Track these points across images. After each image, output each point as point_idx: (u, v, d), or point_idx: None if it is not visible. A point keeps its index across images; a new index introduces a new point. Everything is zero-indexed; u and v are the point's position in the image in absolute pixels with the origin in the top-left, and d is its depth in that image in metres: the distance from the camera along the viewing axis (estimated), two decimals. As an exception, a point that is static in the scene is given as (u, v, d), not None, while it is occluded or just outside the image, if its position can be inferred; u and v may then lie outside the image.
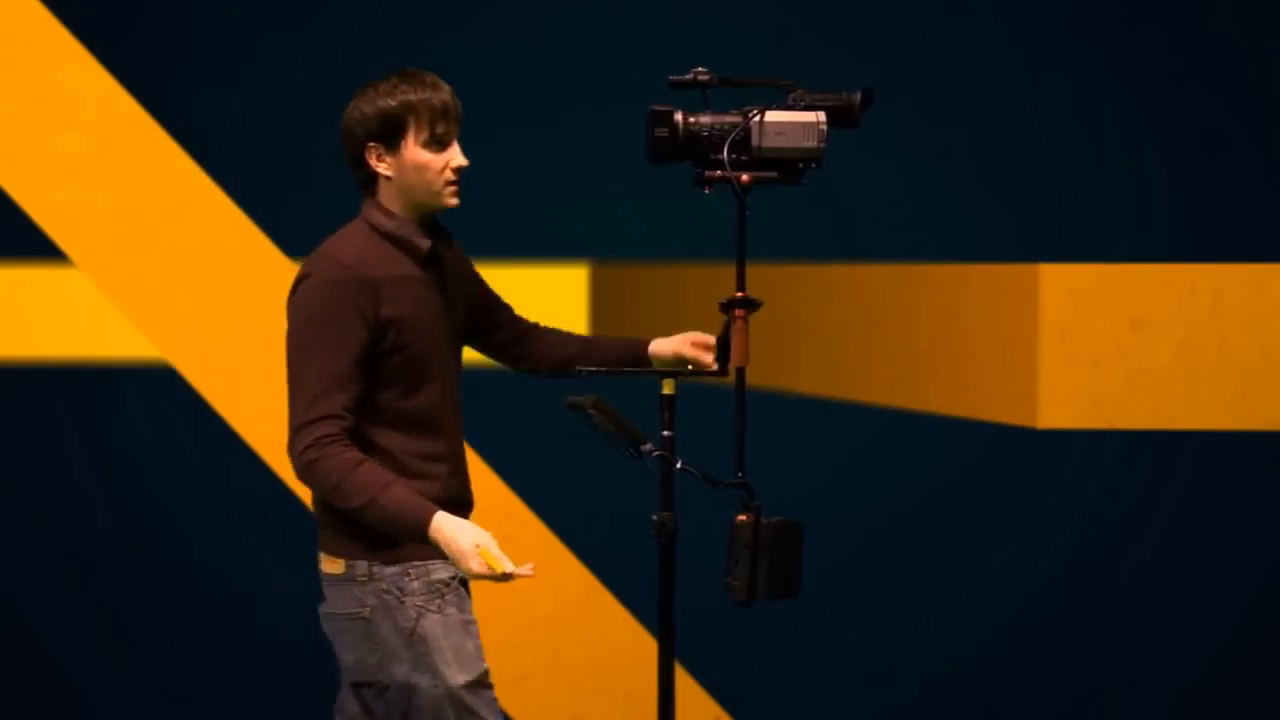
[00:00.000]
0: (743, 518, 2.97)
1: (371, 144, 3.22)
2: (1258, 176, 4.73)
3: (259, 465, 4.88)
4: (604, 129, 4.40)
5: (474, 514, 4.99)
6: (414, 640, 3.16)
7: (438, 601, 3.17)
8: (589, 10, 4.86)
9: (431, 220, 3.25)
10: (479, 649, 3.18)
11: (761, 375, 4.79)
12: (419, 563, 3.17)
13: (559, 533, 4.81)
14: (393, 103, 3.20)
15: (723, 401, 3.29)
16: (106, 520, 5.06)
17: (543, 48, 4.91)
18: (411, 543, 3.13)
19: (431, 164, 3.19)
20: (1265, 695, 4.80)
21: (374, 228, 3.22)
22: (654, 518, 3.04)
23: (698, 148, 3.10)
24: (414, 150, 3.19)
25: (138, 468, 5.05)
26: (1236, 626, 4.80)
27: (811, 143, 3.07)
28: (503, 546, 3.10)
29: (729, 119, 3.10)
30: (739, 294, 3.02)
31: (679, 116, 3.09)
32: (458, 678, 3.15)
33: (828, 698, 4.86)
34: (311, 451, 3.08)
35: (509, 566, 3.04)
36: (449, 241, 3.28)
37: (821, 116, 3.09)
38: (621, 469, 3.22)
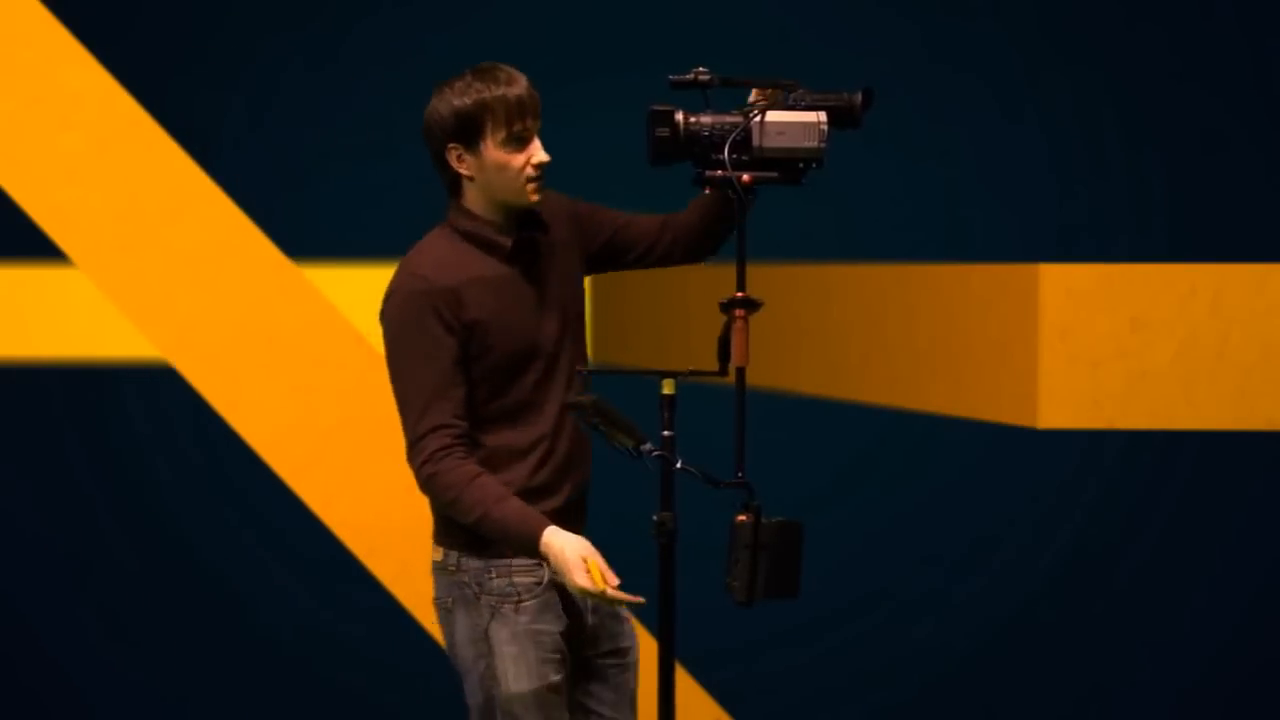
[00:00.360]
0: (742, 518, 2.96)
1: (451, 145, 3.16)
2: (1258, 176, 4.73)
3: (259, 465, 4.89)
4: (604, 129, 4.40)
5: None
6: (482, 638, 3.20)
7: (511, 603, 3.19)
8: (589, 10, 4.86)
9: (521, 211, 3.22)
10: (544, 660, 3.19)
11: (761, 375, 4.79)
12: (503, 561, 3.19)
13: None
14: (468, 102, 3.13)
15: (723, 401, 3.29)
16: (106, 520, 5.06)
17: (543, 48, 4.90)
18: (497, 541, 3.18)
19: (511, 162, 3.14)
20: (1265, 695, 4.80)
21: (455, 230, 3.21)
22: (654, 518, 3.04)
23: (698, 148, 3.09)
24: (493, 150, 3.14)
25: (138, 468, 5.05)
26: (1236, 626, 4.80)
27: (812, 143, 3.07)
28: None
29: (730, 119, 3.09)
30: (739, 294, 3.02)
31: (680, 116, 3.09)
32: (511, 686, 3.18)
33: (828, 698, 4.86)
34: (428, 467, 3.14)
35: (613, 580, 3.03)
36: (541, 224, 3.22)
37: (822, 116, 3.08)
38: (622, 469, 3.22)
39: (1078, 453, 4.79)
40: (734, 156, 3.06)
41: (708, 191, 3.15)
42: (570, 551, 3.05)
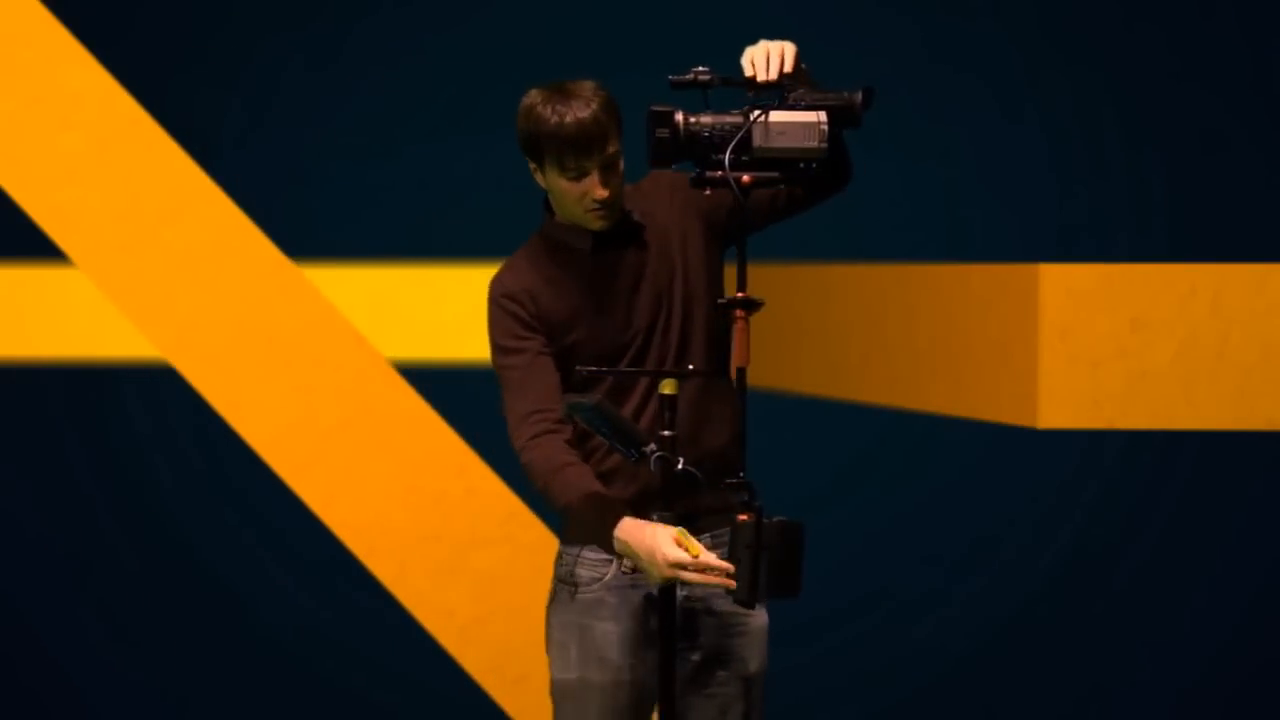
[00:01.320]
0: (744, 518, 2.96)
1: (527, 158, 3.20)
2: (1258, 176, 4.73)
3: (259, 465, 4.88)
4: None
5: (473, 516, 5.02)
6: (549, 619, 3.27)
7: (569, 592, 3.22)
8: (589, 10, 4.86)
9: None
10: (587, 657, 3.19)
11: (761, 375, 4.79)
12: (574, 548, 3.23)
13: (559, 533, 4.80)
14: (530, 129, 3.14)
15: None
16: (106, 520, 5.06)
17: (543, 48, 4.90)
18: (579, 524, 3.20)
19: (569, 192, 3.14)
20: (1265, 695, 4.80)
21: (541, 234, 3.24)
22: (654, 517, 3.03)
23: (699, 148, 3.07)
24: (554, 177, 3.15)
25: (138, 468, 5.05)
26: (1236, 626, 4.79)
27: (813, 143, 3.06)
28: (503, 546, 3.11)
29: (730, 119, 3.08)
30: (739, 294, 3.01)
31: (679, 117, 3.07)
32: (555, 672, 3.23)
33: (828, 698, 4.86)
34: (524, 454, 3.15)
35: (703, 551, 2.97)
36: (629, 220, 3.21)
37: (823, 116, 3.07)
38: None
39: (1078, 453, 4.78)
40: (735, 157, 3.05)
41: (707, 192, 3.13)
42: (647, 536, 3.00)
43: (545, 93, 3.15)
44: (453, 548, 4.86)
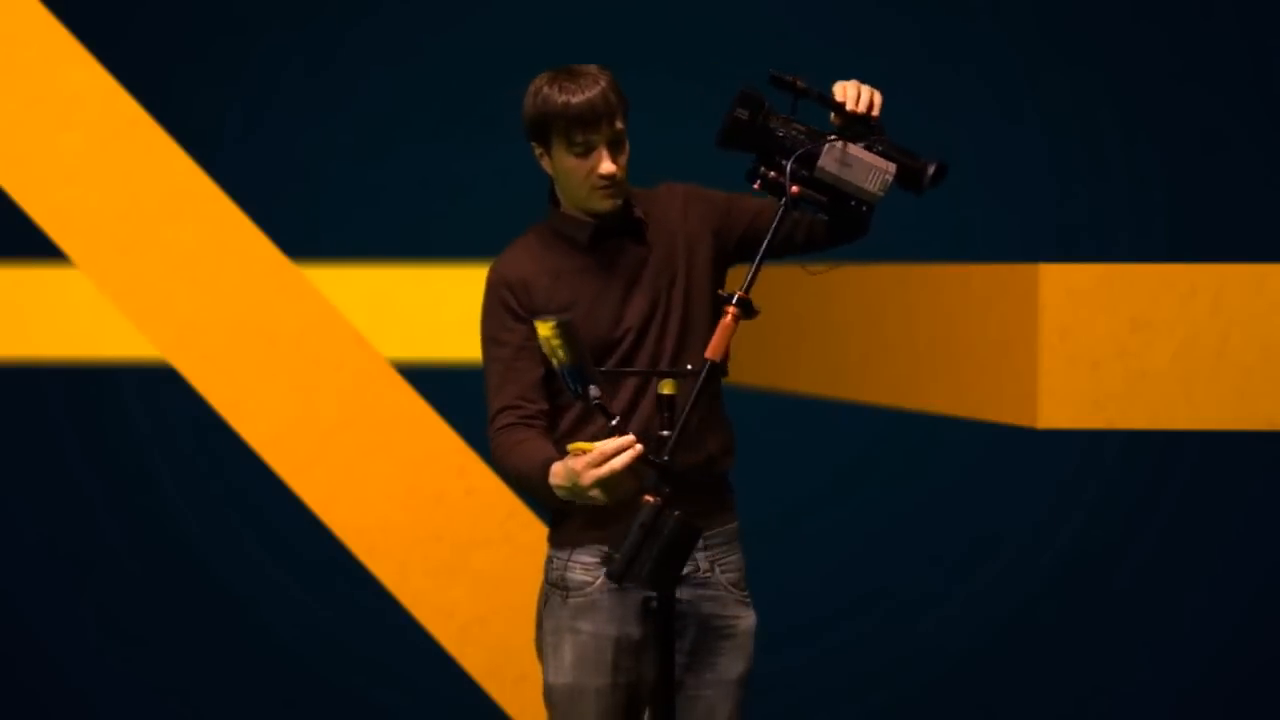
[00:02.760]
0: (649, 499, 2.92)
1: (533, 144, 3.23)
2: (1258, 176, 4.73)
3: (259, 465, 4.89)
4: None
5: (473, 516, 5.02)
6: (539, 622, 3.27)
7: (560, 595, 3.23)
8: (589, 10, 4.86)
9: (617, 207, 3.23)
10: (579, 660, 3.19)
11: (761, 375, 4.80)
12: (565, 552, 3.23)
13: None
14: (537, 108, 3.18)
15: (734, 402, 3.29)
16: (106, 520, 5.06)
17: (543, 48, 4.90)
18: (572, 529, 3.21)
19: (576, 170, 3.16)
20: (1265, 695, 4.80)
21: (545, 224, 3.26)
22: (654, 517, 3.03)
23: (768, 143, 3.04)
24: (561, 155, 3.17)
25: (138, 468, 5.05)
26: (1236, 626, 4.80)
27: (873, 187, 3.02)
28: (503, 546, 3.11)
29: (808, 131, 3.04)
30: (740, 294, 3.00)
31: (766, 105, 3.03)
32: (549, 676, 3.23)
33: (828, 698, 4.86)
34: (491, 443, 3.17)
35: (604, 446, 2.92)
36: (634, 219, 3.22)
37: (892, 169, 3.03)
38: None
39: (1078, 453, 4.79)
40: (796, 167, 3.04)
41: (756, 187, 3.10)
42: (565, 468, 2.97)
43: (552, 74, 3.19)
44: (453, 548, 4.86)
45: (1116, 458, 4.80)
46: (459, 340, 4.94)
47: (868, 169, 3.02)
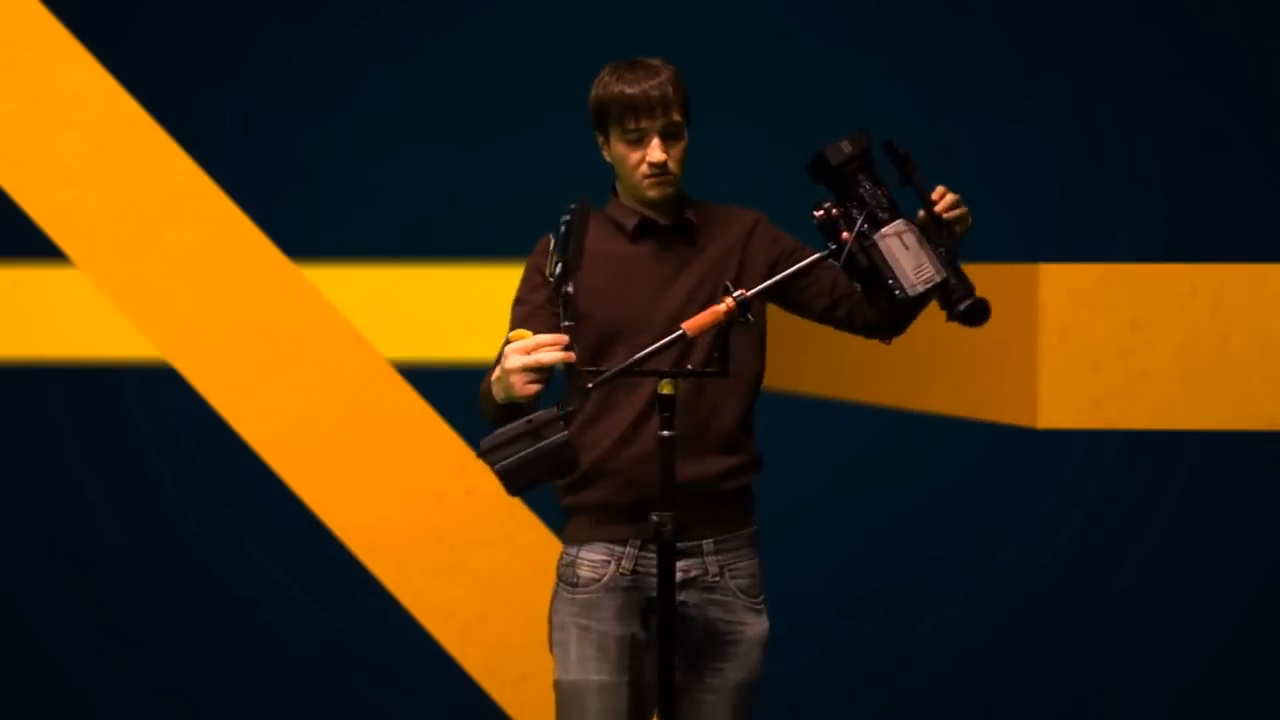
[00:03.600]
0: (554, 409, 2.92)
1: (596, 132, 3.29)
2: (1258, 176, 4.73)
3: (259, 465, 4.89)
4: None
5: (473, 516, 5.02)
6: (549, 617, 3.31)
7: (569, 590, 3.26)
8: (589, 10, 4.86)
9: (672, 205, 3.27)
10: (586, 656, 3.21)
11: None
12: (574, 547, 3.28)
13: (559, 533, 4.80)
14: (597, 95, 3.25)
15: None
16: (106, 520, 5.06)
17: (543, 48, 4.91)
18: (583, 525, 3.25)
19: (628, 157, 3.23)
20: (1265, 695, 4.80)
21: (604, 210, 3.30)
22: (654, 517, 3.03)
23: (850, 189, 3.03)
24: (616, 143, 3.24)
25: (138, 468, 5.05)
26: (1236, 626, 4.80)
27: (915, 283, 2.97)
28: (503, 546, 3.11)
29: (888, 201, 3.02)
30: (744, 291, 3.00)
31: (870, 154, 3.03)
32: (556, 671, 3.26)
33: (828, 698, 4.86)
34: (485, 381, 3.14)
35: (542, 338, 2.93)
36: (686, 223, 3.26)
37: (940, 278, 2.97)
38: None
39: (1078, 453, 4.79)
40: (864, 222, 3.01)
41: (816, 215, 3.05)
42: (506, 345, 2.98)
43: (616, 64, 3.25)
44: (453, 548, 4.86)
45: (1116, 458, 4.80)
46: (459, 340, 4.94)
47: (920, 263, 2.98)
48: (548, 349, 2.90)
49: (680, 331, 2.98)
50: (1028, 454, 4.77)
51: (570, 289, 2.94)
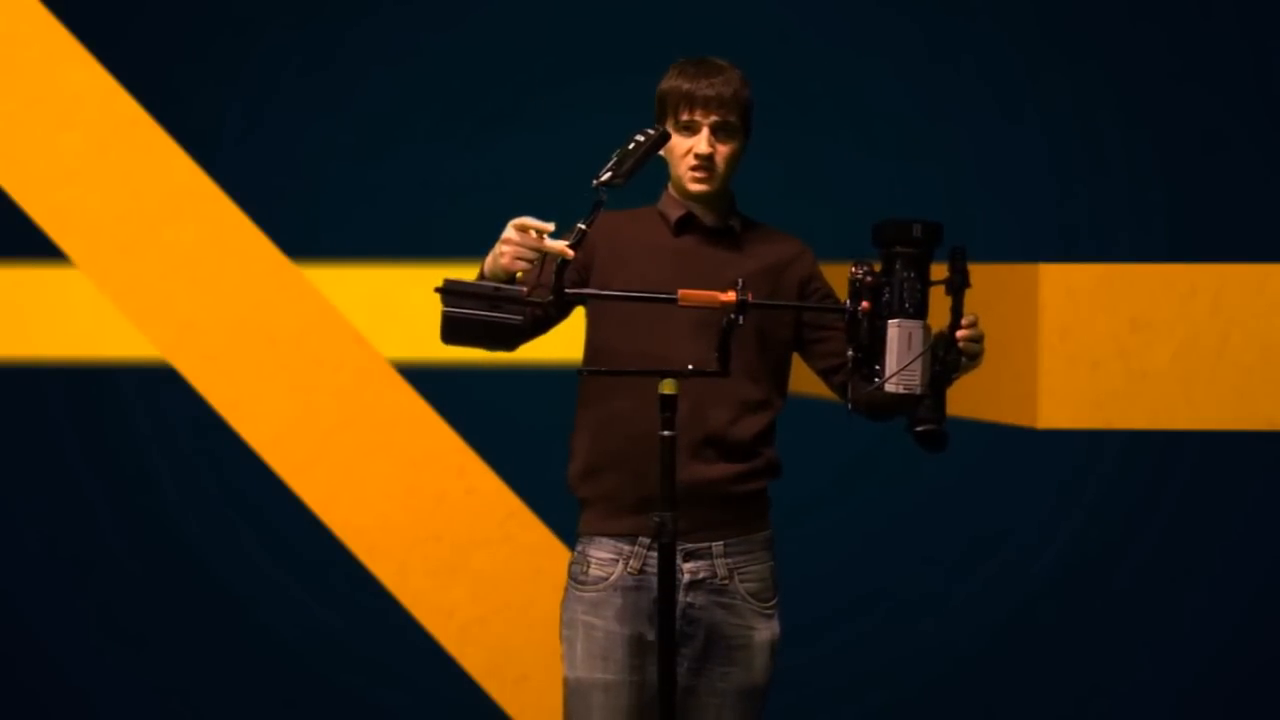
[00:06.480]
0: (522, 290, 2.99)
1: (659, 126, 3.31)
2: (1258, 176, 4.73)
3: (259, 465, 4.89)
4: (605, 129, 4.40)
5: (473, 516, 5.02)
6: (561, 613, 3.31)
7: (577, 589, 3.26)
8: (589, 10, 4.86)
9: (719, 207, 3.30)
10: (591, 655, 3.22)
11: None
12: (585, 540, 3.28)
13: (559, 533, 4.81)
14: (661, 87, 3.30)
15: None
16: (106, 520, 5.06)
17: (543, 48, 4.90)
18: (594, 517, 3.25)
19: (676, 147, 3.27)
20: (1265, 695, 4.80)
21: (656, 203, 3.34)
22: (654, 518, 3.03)
23: (890, 262, 3.08)
24: (672, 133, 3.27)
25: (137, 468, 5.05)
26: (1236, 626, 4.80)
27: (898, 380, 2.99)
28: (503, 546, 3.11)
29: (915, 295, 3.06)
30: (748, 296, 3.01)
31: (916, 246, 3.08)
32: (564, 669, 3.26)
33: (828, 698, 4.86)
34: None
35: (549, 227, 3.00)
36: (729, 230, 3.30)
37: (919, 392, 3.00)
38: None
39: (1078, 453, 4.79)
40: (886, 304, 3.03)
41: (851, 269, 3.08)
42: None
43: (685, 60, 3.30)
44: (453, 548, 4.86)
45: (1116, 458, 4.80)
46: (459, 340, 4.93)
47: (913, 371, 3.01)
48: (551, 240, 2.97)
49: (674, 295, 3.01)
50: (1028, 454, 4.77)
51: (601, 206, 2.97)
